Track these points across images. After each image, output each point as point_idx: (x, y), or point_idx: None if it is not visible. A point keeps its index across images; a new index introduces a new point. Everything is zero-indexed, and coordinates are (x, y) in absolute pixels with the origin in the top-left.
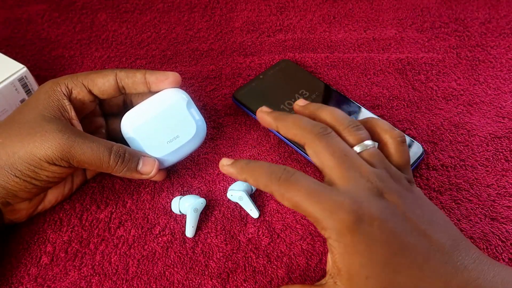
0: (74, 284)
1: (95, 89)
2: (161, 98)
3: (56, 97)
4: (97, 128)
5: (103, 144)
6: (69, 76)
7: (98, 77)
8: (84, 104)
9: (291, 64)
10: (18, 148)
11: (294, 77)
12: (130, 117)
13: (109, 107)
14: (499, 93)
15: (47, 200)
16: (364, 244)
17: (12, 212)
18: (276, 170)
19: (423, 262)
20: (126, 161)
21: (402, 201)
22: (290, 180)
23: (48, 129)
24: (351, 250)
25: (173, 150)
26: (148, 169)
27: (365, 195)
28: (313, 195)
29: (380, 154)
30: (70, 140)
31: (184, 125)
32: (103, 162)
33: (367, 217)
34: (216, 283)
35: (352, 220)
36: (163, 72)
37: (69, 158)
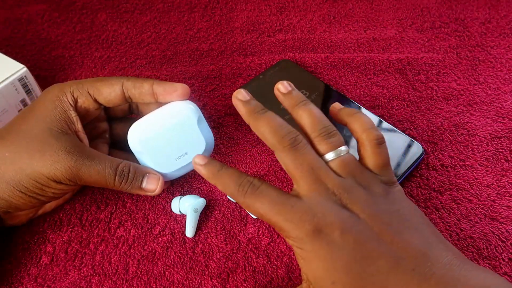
0: (74, 284)
1: (100, 98)
2: (171, 111)
3: (63, 108)
4: (100, 133)
5: (109, 165)
6: (75, 83)
7: (104, 86)
8: (89, 111)
9: (291, 64)
10: (26, 165)
11: (294, 77)
12: (137, 129)
13: (114, 112)
14: (499, 93)
15: (47, 205)
16: (324, 250)
17: (12, 218)
18: (243, 183)
19: (389, 270)
20: (130, 181)
21: (368, 210)
22: (255, 194)
23: (57, 148)
24: (313, 256)
25: (181, 167)
26: (152, 187)
27: (328, 207)
28: (276, 207)
29: (351, 161)
30: (78, 163)
31: (193, 142)
32: (109, 183)
33: (328, 227)
34: (216, 283)
35: (312, 230)
36: (171, 84)
37: (76, 179)
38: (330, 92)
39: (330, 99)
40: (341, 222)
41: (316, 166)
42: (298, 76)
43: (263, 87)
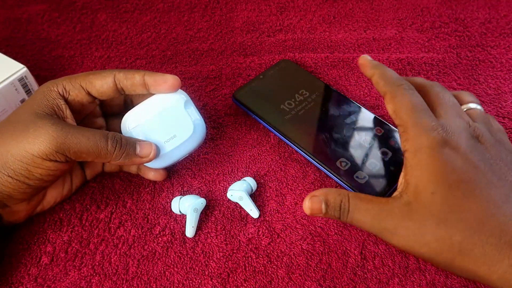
0: (74, 284)
1: (93, 90)
2: (160, 99)
3: (51, 96)
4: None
5: (99, 132)
6: (67, 78)
7: (96, 79)
8: (83, 105)
9: (291, 64)
10: (11, 146)
11: (294, 77)
12: (129, 117)
13: (110, 107)
14: (499, 93)
15: (45, 201)
16: (439, 163)
17: (10, 214)
18: (401, 80)
19: (497, 201)
20: (124, 146)
21: (495, 150)
22: (407, 91)
23: (41, 124)
24: (424, 165)
25: (170, 150)
26: (146, 151)
27: (460, 132)
28: (416, 110)
29: (485, 115)
30: (64, 131)
31: (181, 125)
32: (101, 149)
33: (453, 144)
34: (216, 283)
35: (438, 141)
36: (162, 75)
37: (64, 150)
38: (330, 92)
39: (330, 99)
40: (468, 147)
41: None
42: (298, 76)
43: (263, 87)
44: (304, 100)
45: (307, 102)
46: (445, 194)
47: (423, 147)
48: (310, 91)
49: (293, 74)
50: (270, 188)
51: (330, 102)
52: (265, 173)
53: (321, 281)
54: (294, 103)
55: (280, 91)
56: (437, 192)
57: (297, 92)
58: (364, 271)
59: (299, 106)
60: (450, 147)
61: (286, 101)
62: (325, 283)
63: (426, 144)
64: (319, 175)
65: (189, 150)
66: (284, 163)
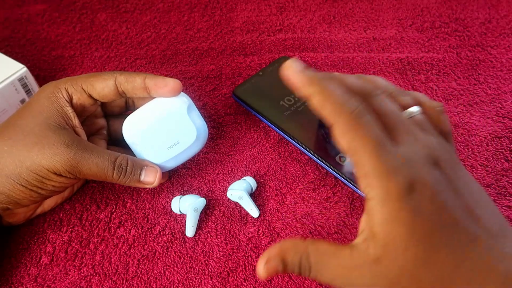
0: (74, 284)
1: (94, 93)
2: (162, 102)
3: (59, 104)
4: (98, 130)
5: (107, 158)
6: (69, 80)
7: (98, 82)
8: (85, 107)
9: None
10: (25, 157)
11: None
12: (130, 122)
13: (111, 108)
14: (499, 93)
15: (46, 204)
16: (410, 214)
17: (10, 216)
18: (350, 101)
19: (467, 243)
20: (128, 174)
21: (456, 175)
22: (361, 120)
23: (55, 141)
24: (394, 217)
25: (173, 156)
26: (150, 179)
27: (423, 163)
28: (379, 149)
29: (428, 122)
30: (77, 156)
31: (184, 131)
32: (107, 176)
33: (420, 185)
34: (217, 282)
35: (405, 185)
36: (163, 78)
37: (76, 172)
38: None
39: None
40: (434, 182)
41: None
42: None
43: (263, 84)
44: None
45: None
46: (418, 249)
47: (391, 197)
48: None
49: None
50: (270, 188)
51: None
52: (265, 173)
53: None
54: (294, 99)
55: (279, 87)
56: (410, 248)
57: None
58: None
59: (298, 102)
60: (418, 191)
61: (286, 97)
62: None
63: (393, 192)
64: (319, 174)
65: (191, 155)
66: (284, 162)
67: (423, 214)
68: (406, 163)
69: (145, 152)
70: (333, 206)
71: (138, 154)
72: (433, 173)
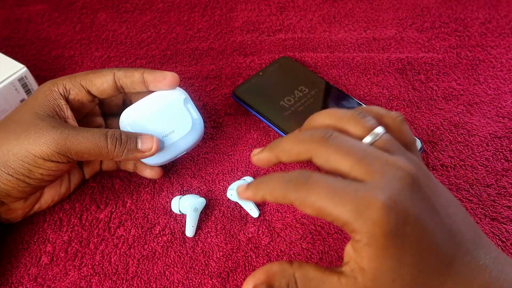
0: (74, 284)
1: (93, 89)
2: (159, 95)
3: (53, 96)
4: (96, 128)
5: (98, 131)
6: (68, 77)
7: (96, 78)
8: (83, 104)
9: (290, 61)
10: (13, 145)
11: (293, 74)
12: (128, 113)
13: (109, 107)
14: (499, 93)
15: (43, 200)
16: (396, 248)
17: (7, 212)
18: (291, 176)
19: (449, 262)
20: (124, 142)
21: (430, 191)
22: (308, 183)
23: (42, 126)
24: (382, 254)
25: (169, 145)
26: (148, 145)
27: (398, 186)
28: (337, 195)
29: (393, 139)
30: (64, 133)
31: (180, 121)
32: (102, 148)
33: (402, 215)
34: (216, 282)
35: (387, 221)
36: (161, 72)
37: (65, 151)
38: (329, 89)
39: (329, 95)
40: (415, 207)
41: (363, 148)
42: (297, 73)
43: (263, 83)
44: (304, 97)
45: (307, 99)
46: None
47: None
48: (309, 88)
49: (292, 71)
50: None
51: (329, 98)
52: (265, 173)
53: None
54: (294, 100)
55: (279, 87)
56: (397, 279)
57: (297, 89)
58: None
59: (298, 102)
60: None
61: (286, 97)
62: None
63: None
64: None
65: (187, 146)
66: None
67: (409, 243)
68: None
69: None
70: None
71: None
72: (413, 196)
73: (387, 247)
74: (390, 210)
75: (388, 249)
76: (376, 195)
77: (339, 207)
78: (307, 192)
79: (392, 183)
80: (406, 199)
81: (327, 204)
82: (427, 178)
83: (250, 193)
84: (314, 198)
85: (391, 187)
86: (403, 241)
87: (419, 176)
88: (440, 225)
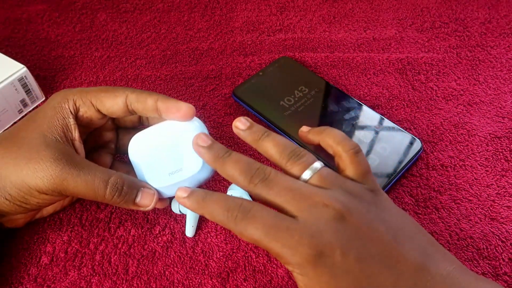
0: (74, 284)
1: (103, 109)
2: (175, 125)
3: (62, 115)
4: (105, 143)
5: (100, 176)
6: (79, 92)
7: (108, 98)
8: (92, 121)
9: (291, 61)
10: (11, 171)
11: (294, 74)
12: (138, 140)
13: (123, 122)
14: (499, 93)
15: (45, 211)
16: (327, 276)
17: (9, 222)
18: (232, 207)
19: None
20: (123, 194)
21: (365, 219)
22: (247, 218)
23: (44, 156)
24: (315, 282)
25: (173, 184)
26: (146, 202)
27: (324, 223)
28: (272, 232)
29: (331, 173)
30: (64, 172)
31: (190, 159)
32: (98, 196)
33: (328, 249)
34: (216, 282)
35: (313, 254)
36: (176, 102)
37: (61, 190)
38: (329, 89)
39: (330, 95)
40: (341, 240)
41: (296, 186)
42: (297, 73)
43: (263, 83)
44: (304, 97)
45: (307, 99)
46: None
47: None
48: (310, 88)
49: (293, 71)
50: None
51: (329, 98)
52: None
53: None
54: (294, 100)
55: (279, 87)
56: None
57: (297, 89)
58: None
59: (298, 102)
60: (327, 255)
61: (286, 97)
62: None
63: (305, 264)
64: None
65: (193, 186)
66: None
67: (341, 272)
68: (306, 233)
69: (146, 173)
70: None
71: (139, 174)
72: (339, 230)
73: (317, 276)
74: (315, 246)
75: (319, 277)
76: (303, 235)
77: (273, 242)
78: (245, 225)
79: (318, 220)
80: (331, 235)
81: (263, 239)
82: (362, 206)
83: (190, 204)
84: (252, 232)
85: (317, 224)
86: (333, 270)
87: (349, 209)
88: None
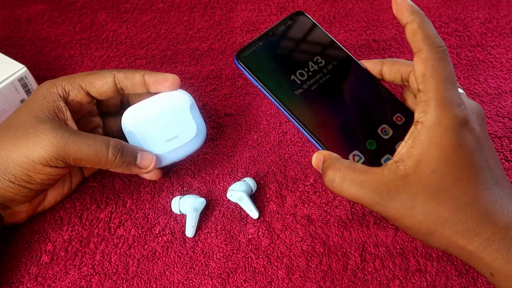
0: (74, 283)
1: (93, 91)
2: (166, 98)
3: (52, 98)
4: (94, 128)
5: (100, 139)
6: (67, 78)
7: (96, 79)
8: (81, 105)
9: (306, 19)
10: (11, 151)
11: (309, 38)
12: (132, 112)
13: (107, 107)
14: (499, 92)
15: (46, 201)
16: (451, 145)
17: (11, 215)
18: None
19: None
20: (125, 155)
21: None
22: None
23: (41, 129)
24: (435, 142)
25: (171, 150)
26: (146, 163)
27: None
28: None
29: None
30: (65, 137)
31: (184, 126)
32: (101, 157)
33: (470, 126)
34: (216, 283)
35: (459, 119)
36: (162, 74)
37: (64, 157)
38: (350, 64)
39: (350, 73)
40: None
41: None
42: (314, 38)
43: (272, 49)
44: (319, 71)
45: (322, 74)
46: (445, 174)
47: (442, 125)
48: (326, 60)
49: (308, 34)
50: (270, 190)
51: (349, 77)
52: (264, 174)
53: (321, 283)
54: (307, 74)
55: (291, 56)
56: (437, 171)
57: (311, 60)
58: (365, 273)
59: (312, 78)
60: (468, 128)
61: (298, 70)
62: (325, 284)
63: (445, 122)
64: (319, 176)
65: (188, 152)
66: (284, 164)
67: (465, 150)
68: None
69: (142, 142)
70: (334, 210)
71: (135, 144)
72: (480, 124)
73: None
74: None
75: (443, 140)
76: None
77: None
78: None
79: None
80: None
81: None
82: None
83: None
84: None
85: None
86: (459, 142)
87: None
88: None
